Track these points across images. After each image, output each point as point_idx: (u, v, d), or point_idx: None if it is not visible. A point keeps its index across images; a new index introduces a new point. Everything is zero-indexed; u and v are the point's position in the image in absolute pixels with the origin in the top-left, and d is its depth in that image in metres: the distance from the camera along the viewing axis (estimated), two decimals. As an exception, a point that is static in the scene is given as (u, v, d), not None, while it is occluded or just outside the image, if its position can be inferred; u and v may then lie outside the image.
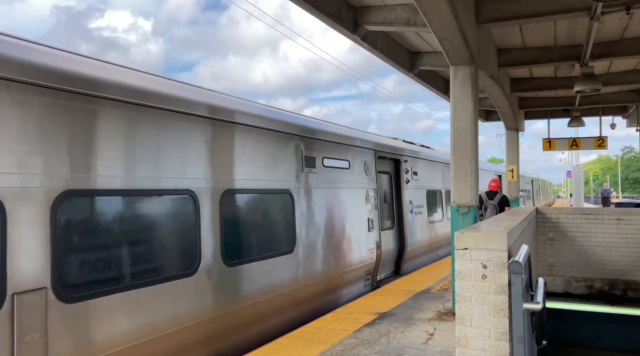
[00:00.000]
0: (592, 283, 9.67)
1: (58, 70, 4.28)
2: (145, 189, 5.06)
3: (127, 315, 4.71)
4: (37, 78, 4.08)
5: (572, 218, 9.82)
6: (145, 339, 4.85)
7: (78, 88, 4.39)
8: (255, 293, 6.53)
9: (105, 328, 4.47)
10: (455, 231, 5.23)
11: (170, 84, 5.67)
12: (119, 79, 4.86)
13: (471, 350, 3.70)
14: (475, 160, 7.53)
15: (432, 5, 5.95)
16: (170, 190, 5.33)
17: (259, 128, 6.85)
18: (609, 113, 17.85)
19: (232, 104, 6.51)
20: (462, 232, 3.83)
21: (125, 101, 4.83)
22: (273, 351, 5.75)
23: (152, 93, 5.19)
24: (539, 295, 4.38)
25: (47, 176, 4.10)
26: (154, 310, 5.01)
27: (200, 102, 5.87)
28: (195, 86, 6.25)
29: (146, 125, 5.08)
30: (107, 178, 4.60)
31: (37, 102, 4.06)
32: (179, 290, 5.31)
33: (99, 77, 4.65)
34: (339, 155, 8.79)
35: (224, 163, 6.20)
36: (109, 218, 4.66)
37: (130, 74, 5.15)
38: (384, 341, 6.07)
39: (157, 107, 5.21)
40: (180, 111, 5.51)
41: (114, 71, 4.96)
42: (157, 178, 5.18)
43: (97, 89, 4.55)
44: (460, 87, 7.55)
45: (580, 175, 30.40)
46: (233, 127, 6.36)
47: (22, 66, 4.01)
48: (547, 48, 10.25)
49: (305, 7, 6.85)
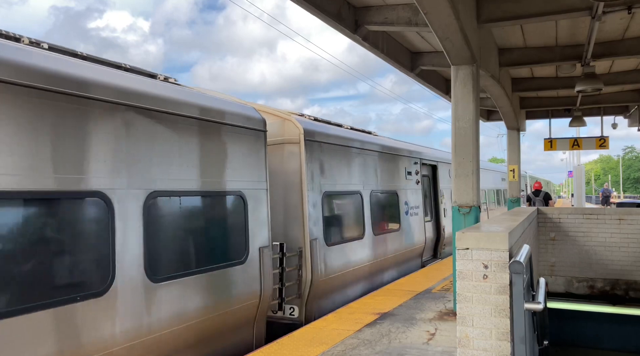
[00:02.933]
0: (593, 283, 9.66)
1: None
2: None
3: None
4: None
5: (574, 218, 9.81)
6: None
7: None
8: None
9: None
10: (456, 231, 5.22)
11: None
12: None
13: (472, 350, 3.70)
14: (477, 160, 7.52)
15: (433, 5, 5.95)
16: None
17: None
18: (611, 113, 17.82)
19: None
20: (464, 231, 3.82)
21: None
22: (275, 351, 5.74)
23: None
24: (541, 295, 4.38)
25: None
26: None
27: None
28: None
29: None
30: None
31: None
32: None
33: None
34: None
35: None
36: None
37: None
38: (385, 342, 6.07)
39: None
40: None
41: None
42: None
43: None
44: (461, 87, 7.55)
45: (581, 175, 30.39)
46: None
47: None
48: (548, 48, 10.24)
49: (306, 7, 6.85)
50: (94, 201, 4.60)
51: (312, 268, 7.73)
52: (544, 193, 17.47)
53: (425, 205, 13.26)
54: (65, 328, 4.20)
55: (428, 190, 13.93)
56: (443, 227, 14.13)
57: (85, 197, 4.52)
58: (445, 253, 14.22)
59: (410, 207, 12.14)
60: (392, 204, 11.13)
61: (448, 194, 14.93)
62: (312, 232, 7.85)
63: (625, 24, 8.87)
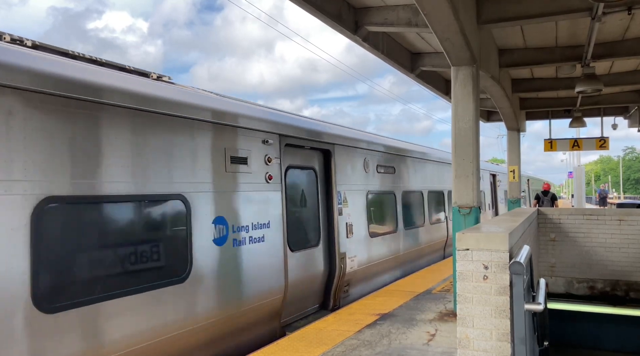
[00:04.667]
0: (593, 284, 9.66)
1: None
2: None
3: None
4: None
5: (574, 219, 9.80)
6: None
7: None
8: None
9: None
10: (456, 232, 5.22)
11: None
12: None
13: (473, 351, 3.69)
14: (477, 160, 7.52)
15: (433, 6, 5.95)
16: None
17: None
18: (611, 113, 17.82)
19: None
20: (464, 232, 3.82)
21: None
22: (274, 353, 5.74)
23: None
24: (541, 296, 4.37)
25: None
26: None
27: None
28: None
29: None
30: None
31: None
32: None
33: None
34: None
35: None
36: None
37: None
38: (385, 342, 6.06)
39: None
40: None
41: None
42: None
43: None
44: (461, 88, 7.55)
45: (581, 176, 30.39)
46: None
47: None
48: (549, 48, 10.24)
49: (306, 8, 6.85)
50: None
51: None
52: (551, 194, 20.98)
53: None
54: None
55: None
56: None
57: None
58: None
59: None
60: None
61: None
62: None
63: (625, 24, 8.87)
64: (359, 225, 9.16)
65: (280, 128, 7.12)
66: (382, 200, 10.42)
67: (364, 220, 9.37)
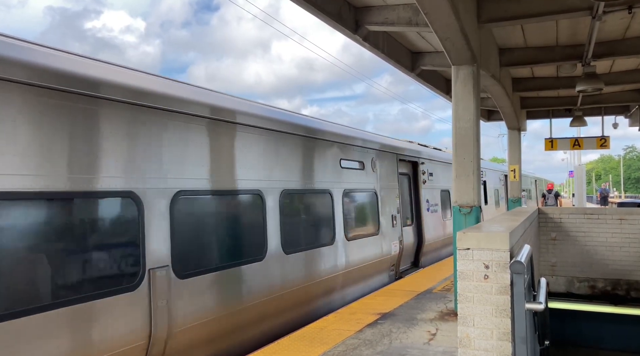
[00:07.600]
0: (594, 283, 9.65)
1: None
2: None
3: None
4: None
5: (575, 218, 9.80)
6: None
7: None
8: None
9: None
10: (457, 231, 5.22)
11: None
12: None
13: (473, 350, 3.69)
14: (477, 159, 7.52)
15: (434, 5, 5.95)
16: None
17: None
18: (611, 112, 17.80)
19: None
20: (464, 232, 3.82)
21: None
22: (275, 352, 5.74)
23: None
24: (542, 295, 4.37)
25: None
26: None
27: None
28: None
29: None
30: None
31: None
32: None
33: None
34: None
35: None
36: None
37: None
38: (386, 342, 6.06)
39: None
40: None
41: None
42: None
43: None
44: (462, 87, 7.54)
45: (582, 175, 30.36)
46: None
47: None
48: (549, 48, 10.23)
49: (306, 7, 6.84)
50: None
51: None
52: (555, 192, 24.50)
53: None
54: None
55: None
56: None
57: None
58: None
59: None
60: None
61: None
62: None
63: (625, 23, 8.86)
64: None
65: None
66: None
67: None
